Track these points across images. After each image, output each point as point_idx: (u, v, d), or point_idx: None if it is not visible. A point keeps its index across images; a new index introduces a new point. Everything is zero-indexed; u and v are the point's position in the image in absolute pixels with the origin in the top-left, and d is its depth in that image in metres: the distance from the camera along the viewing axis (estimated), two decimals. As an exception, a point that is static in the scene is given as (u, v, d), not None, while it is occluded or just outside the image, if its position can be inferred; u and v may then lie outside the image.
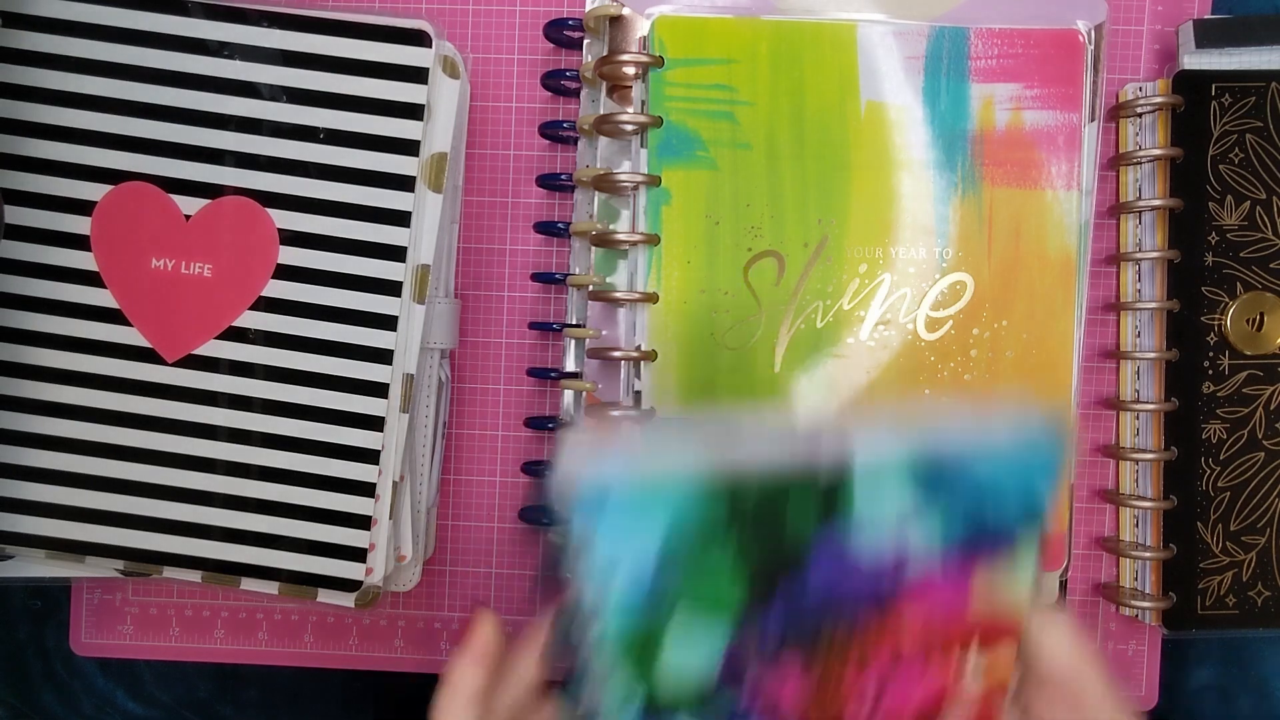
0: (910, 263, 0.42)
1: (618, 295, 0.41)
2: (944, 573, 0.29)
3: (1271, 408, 0.44)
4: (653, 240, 0.41)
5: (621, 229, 0.43)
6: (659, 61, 0.41)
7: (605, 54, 0.42)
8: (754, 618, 0.28)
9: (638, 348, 0.41)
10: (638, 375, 0.42)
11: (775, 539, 0.28)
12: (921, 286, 0.42)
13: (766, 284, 0.42)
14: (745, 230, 0.41)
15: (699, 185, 0.41)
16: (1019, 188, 0.42)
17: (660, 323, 0.41)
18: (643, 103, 0.42)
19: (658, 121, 0.41)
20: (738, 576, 0.28)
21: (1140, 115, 0.45)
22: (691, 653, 0.28)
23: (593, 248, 0.44)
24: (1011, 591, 0.30)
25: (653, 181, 0.41)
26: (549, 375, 0.48)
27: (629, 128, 0.41)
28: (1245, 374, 0.44)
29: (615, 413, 0.41)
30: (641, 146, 0.41)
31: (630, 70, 0.42)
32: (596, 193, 0.44)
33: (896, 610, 0.29)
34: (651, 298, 0.41)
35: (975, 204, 0.42)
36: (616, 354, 0.41)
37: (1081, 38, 0.42)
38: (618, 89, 0.43)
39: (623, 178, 0.41)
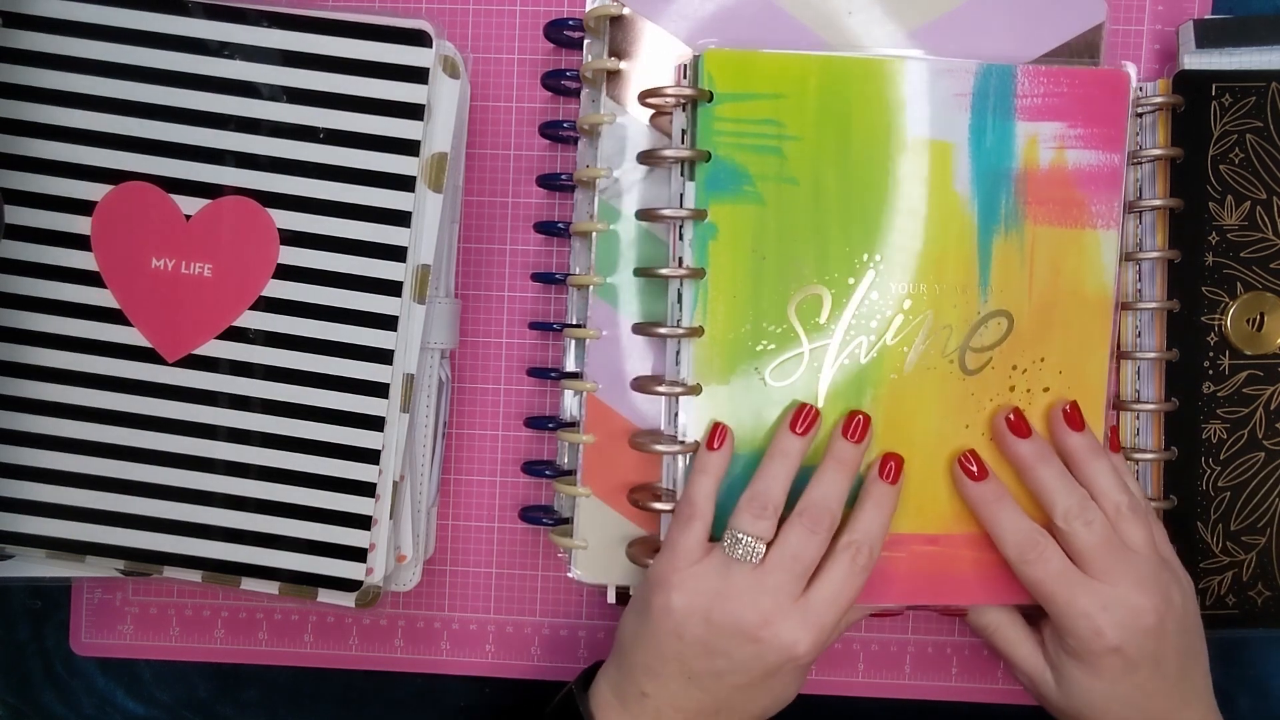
0: (953, 299, 0.41)
1: (662, 331, 0.41)
2: None
3: (1271, 408, 0.44)
4: (698, 274, 0.41)
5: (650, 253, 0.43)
6: (708, 96, 0.41)
7: (653, 88, 0.41)
8: None
9: (683, 382, 0.41)
10: (679, 407, 0.41)
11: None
12: (964, 323, 0.42)
13: (811, 319, 0.41)
14: (790, 265, 0.41)
15: (746, 220, 0.41)
16: (1060, 226, 0.42)
17: (704, 356, 0.41)
18: (683, 131, 0.41)
19: (706, 156, 0.41)
20: None
21: (1140, 115, 0.45)
22: None
23: (592, 247, 0.44)
24: None
25: (699, 216, 0.41)
26: (549, 375, 0.48)
27: (673, 160, 0.41)
28: (1245, 374, 0.44)
29: (658, 446, 0.41)
30: (687, 179, 0.41)
31: (673, 100, 0.41)
32: (596, 194, 0.43)
33: None
34: (697, 332, 0.41)
35: (1018, 241, 0.42)
36: (660, 389, 0.41)
37: (1128, 78, 0.42)
38: (657, 115, 0.43)
39: (668, 213, 0.41)
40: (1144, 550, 0.39)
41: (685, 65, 0.42)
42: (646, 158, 0.41)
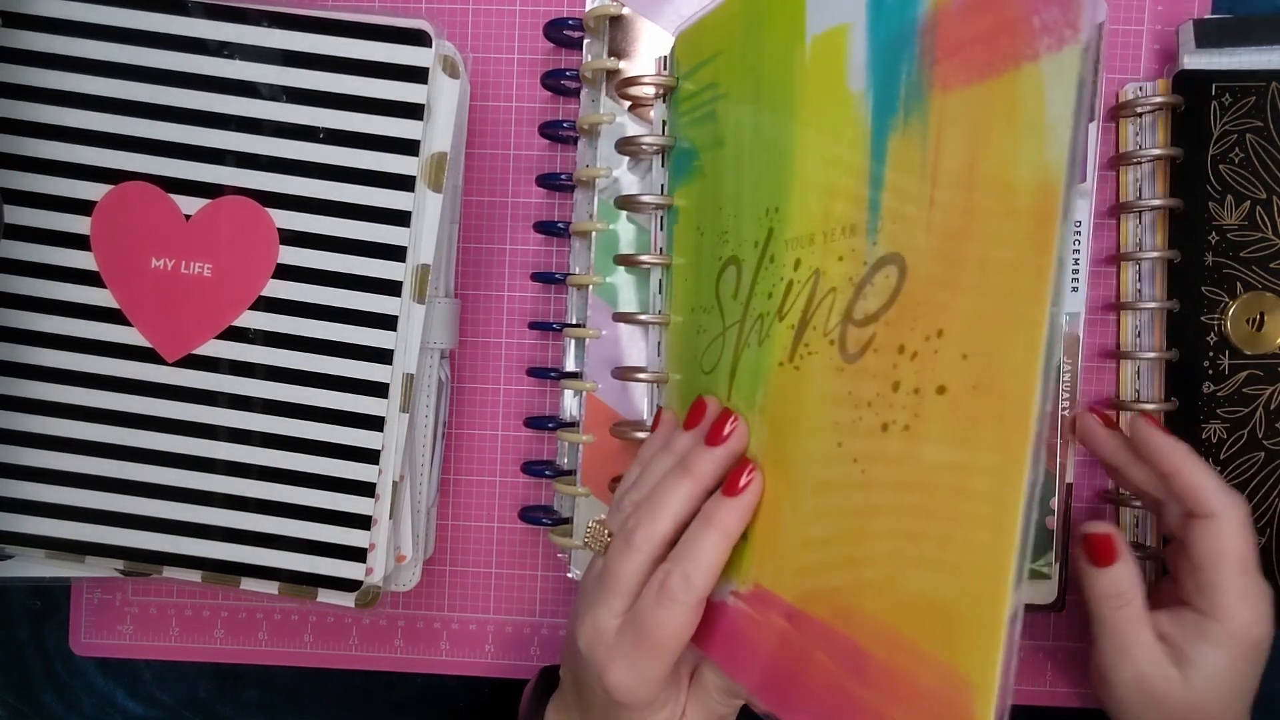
0: (839, 249, 0.29)
1: (643, 318, 0.41)
2: None
3: (1271, 408, 0.44)
4: (665, 262, 0.41)
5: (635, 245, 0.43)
6: (677, 82, 0.40)
7: (630, 75, 0.42)
8: None
9: (664, 369, 0.41)
10: (660, 395, 0.42)
11: None
12: (848, 281, 0.29)
13: (728, 296, 0.35)
14: (717, 237, 0.36)
15: (694, 198, 0.39)
16: (981, 80, 0.25)
17: (668, 344, 0.41)
18: (663, 123, 0.41)
19: (672, 142, 0.40)
20: None
21: (1140, 115, 0.45)
22: None
23: (592, 247, 0.44)
24: None
25: (667, 204, 0.41)
26: (549, 375, 0.48)
27: (651, 149, 0.41)
28: (1245, 374, 0.44)
29: (638, 434, 0.41)
30: (665, 168, 0.41)
31: (650, 91, 0.41)
32: (596, 194, 0.44)
33: None
34: (664, 320, 0.41)
35: (919, 131, 0.27)
36: (641, 376, 0.41)
37: None
38: (637, 106, 0.43)
39: (647, 199, 0.41)
40: None
41: (664, 57, 0.41)
42: (624, 146, 0.41)
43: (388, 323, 0.43)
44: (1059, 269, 0.22)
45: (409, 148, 0.43)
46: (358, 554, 0.44)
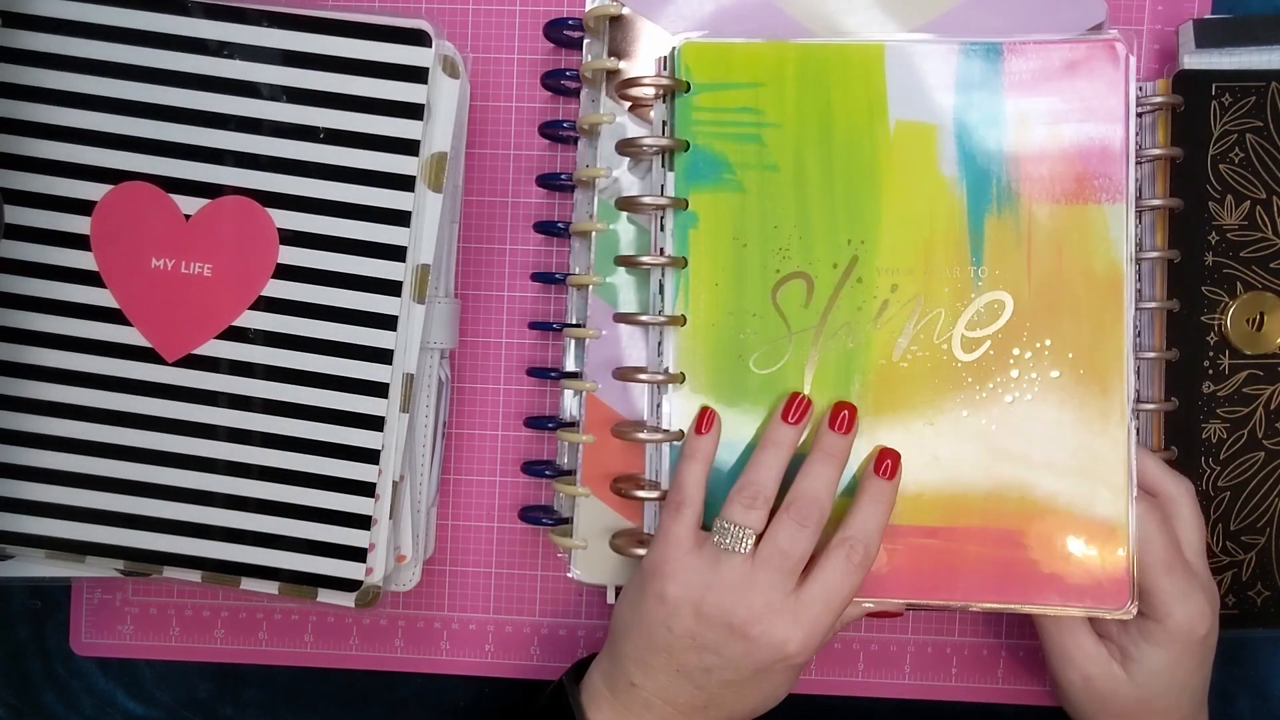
0: (944, 282, 0.40)
1: (644, 319, 0.41)
2: None
3: (1271, 408, 0.44)
4: (678, 263, 0.41)
5: (638, 248, 0.43)
6: (685, 86, 0.41)
7: (631, 76, 0.42)
8: None
9: (665, 370, 0.41)
10: (663, 395, 0.41)
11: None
12: (956, 306, 0.40)
13: (795, 306, 0.41)
14: (773, 252, 0.41)
15: (726, 208, 0.41)
16: (1059, 203, 0.40)
17: (687, 345, 0.41)
18: (663, 123, 0.41)
19: (684, 145, 0.41)
20: None
21: (1140, 115, 0.45)
22: None
23: (592, 247, 0.44)
24: None
25: (679, 205, 0.41)
26: (549, 375, 0.48)
27: (652, 149, 0.41)
28: (1245, 374, 0.44)
29: (641, 434, 0.41)
30: (667, 169, 0.41)
31: (651, 91, 0.41)
32: (596, 194, 0.44)
33: None
34: (678, 320, 0.41)
35: (1012, 220, 0.40)
36: (643, 377, 0.41)
37: (1120, 48, 0.40)
38: (636, 106, 0.43)
39: (648, 200, 0.41)
40: None
41: (664, 58, 0.42)
42: (625, 147, 0.41)
43: (388, 323, 0.43)
44: (1128, 309, 0.40)
45: (409, 148, 0.43)
46: (358, 554, 0.44)
